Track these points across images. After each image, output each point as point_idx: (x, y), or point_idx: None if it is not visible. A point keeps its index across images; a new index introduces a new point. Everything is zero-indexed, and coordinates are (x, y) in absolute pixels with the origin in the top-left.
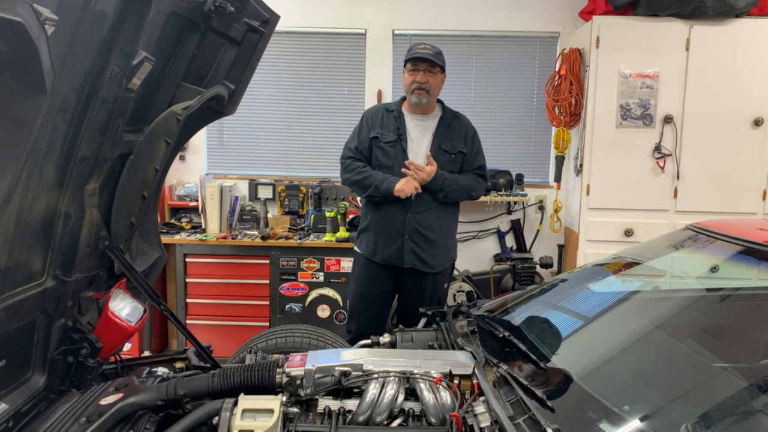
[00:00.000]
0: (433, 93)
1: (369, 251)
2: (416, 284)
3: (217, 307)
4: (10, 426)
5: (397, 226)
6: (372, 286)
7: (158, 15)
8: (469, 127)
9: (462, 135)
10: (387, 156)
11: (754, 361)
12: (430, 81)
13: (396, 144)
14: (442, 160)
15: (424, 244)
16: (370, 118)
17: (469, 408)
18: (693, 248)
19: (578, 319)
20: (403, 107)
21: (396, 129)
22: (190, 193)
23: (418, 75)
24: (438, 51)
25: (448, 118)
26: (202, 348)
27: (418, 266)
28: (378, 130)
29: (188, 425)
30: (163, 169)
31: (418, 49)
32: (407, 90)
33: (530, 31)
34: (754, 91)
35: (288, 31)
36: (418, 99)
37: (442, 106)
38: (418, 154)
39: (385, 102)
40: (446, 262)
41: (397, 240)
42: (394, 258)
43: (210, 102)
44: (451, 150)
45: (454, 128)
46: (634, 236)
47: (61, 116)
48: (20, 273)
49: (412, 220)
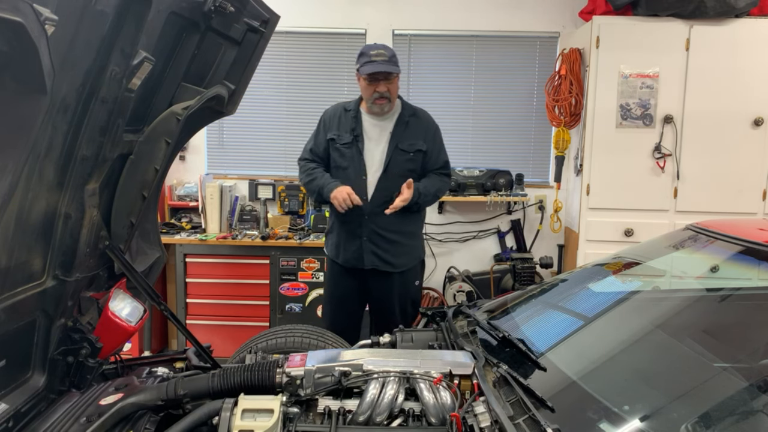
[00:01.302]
0: (394, 97)
1: (333, 253)
2: (382, 284)
3: (217, 307)
4: (10, 426)
5: (354, 228)
6: (338, 287)
7: (158, 15)
8: (430, 124)
9: (422, 133)
10: (343, 157)
11: (754, 361)
12: (390, 88)
13: (352, 145)
14: (400, 159)
15: (385, 245)
16: (327, 119)
17: (469, 408)
18: (693, 248)
19: (578, 319)
20: (361, 106)
21: (352, 130)
22: (190, 193)
23: (378, 85)
24: (392, 53)
25: (407, 115)
26: (202, 348)
27: (380, 266)
28: (335, 131)
29: (188, 425)
30: (163, 169)
31: (372, 56)
32: (367, 99)
33: (530, 31)
34: (754, 91)
35: (288, 31)
36: (380, 108)
37: (402, 103)
38: (374, 155)
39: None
40: (412, 261)
41: (356, 242)
42: (354, 260)
43: (210, 102)
44: (409, 149)
45: (412, 126)
46: (634, 236)
47: (61, 116)
48: (20, 273)
49: (370, 222)
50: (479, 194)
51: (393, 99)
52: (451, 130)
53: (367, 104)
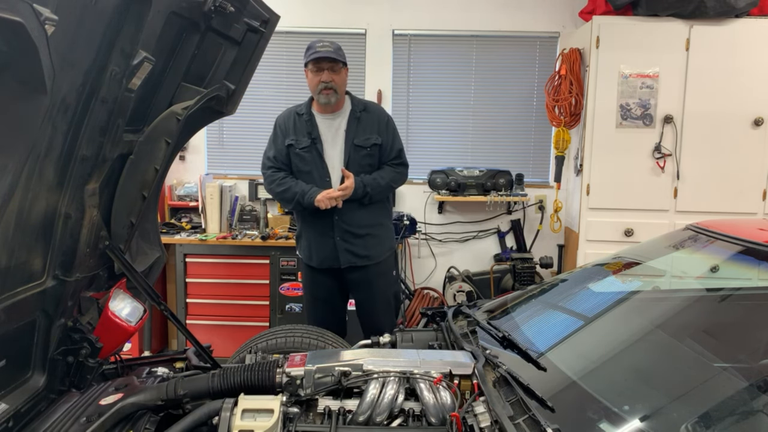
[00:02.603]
0: (340, 90)
1: (306, 256)
2: (361, 278)
3: (217, 307)
4: (10, 426)
5: (326, 229)
6: (318, 288)
7: (158, 15)
8: (382, 116)
9: (374, 126)
10: (304, 162)
11: (754, 361)
12: (336, 79)
13: (311, 149)
14: (358, 156)
15: (357, 240)
16: (282, 125)
17: (469, 408)
18: (693, 248)
19: (578, 319)
20: (313, 108)
21: (309, 133)
22: (190, 193)
23: (323, 75)
24: (338, 47)
25: (358, 111)
26: (202, 348)
27: (356, 262)
28: (292, 136)
29: (188, 425)
30: (163, 169)
31: (318, 48)
32: (314, 91)
33: (530, 31)
34: (754, 91)
35: (288, 31)
36: (327, 99)
37: (352, 99)
38: (333, 155)
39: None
40: (385, 252)
41: (329, 243)
42: (330, 260)
43: (210, 102)
44: (365, 144)
45: (364, 121)
46: (634, 236)
47: (61, 116)
48: (20, 273)
49: (340, 222)
50: (479, 194)
51: (340, 92)
52: (451, 130)
53: (315, 96)
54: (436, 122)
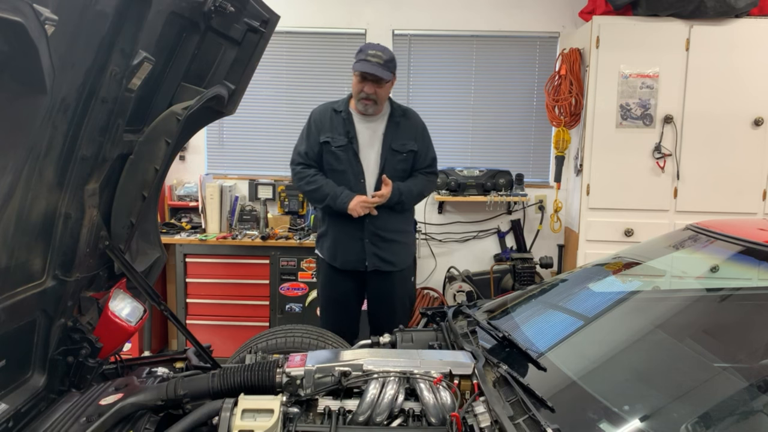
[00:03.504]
0: (381, 101)
1: (329, 256)
2: (383, 284)
3: (217, 307)
4: (10, 426)
5: (355, 231)
6: (337, 290)
7: (158, 15)
8: (419, 124)
9: (412, 133)
10: (339, 161)
11: (754, 361)
12: (378, 92)
13: (347, 148)
14: (394, 160)
15: (384, 245)
16: (318, 120)
17: (469, 408)
18: (693, 248)
19: (578, 319)
20: (351, 107)
21: (346, 132)
22: (190, 193)
23: (366, 85)
24: (389, 58)
25: (397, 116)
26: (202, 348)
27: (382, 267)
28: (328, 133)
29: (188, 425)
30: (163, 169)
31: (369, 57)
32: (355, 95)
33: (530, 31)
34: (754, 91)
35: (288, 31)
36: (365, 108)
37: (391, 103)
38: (369, 157)
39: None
40: (409, 258)
41: (357, 244)
42: (355, 262)
43: (210, 102)
44: (401, 149)
45: (403, 127)
46: (634, 236)
47: (61, 116)
48: (20, 273)
49: (371, 225)
50: (479, 194)
51: (380, 103)
52: (451, 130)
53: (354, 101)
54: (435, 122)
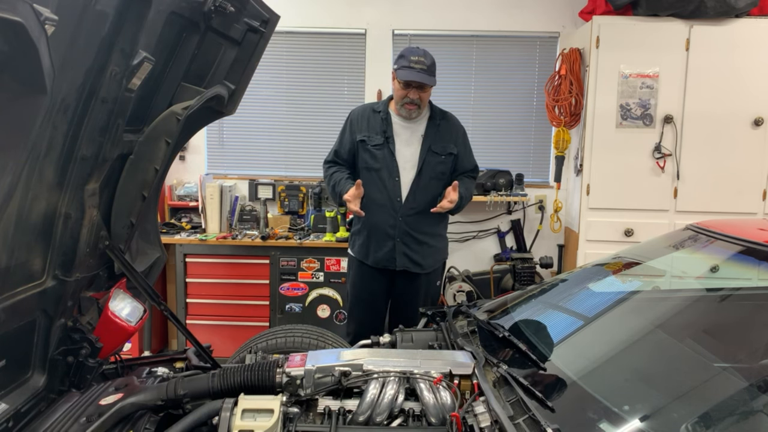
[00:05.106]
0: (424, 105)
1: (361, 254)
2: (409, 285)
3: (217, 307)
4: (10, 426)
5: (388, 229)
6: (366, 287)
7: (158, 15)
8: (459, 127)
9: (452, 136)
10: (375, 159)
11: (754, 361)
12: (422, 96)
13: (384, 147)
14: (433, 161)
15: (416, 246)
16: (356, 120)
17: (469, 408)
18: (693, 248)
19: (578, 319)
20: (390, 108)
21: (383, 132)
22: (190, 193)
23: (410, 91)
24: (431, 62)
25: (438, 118)
26: (202, 348)
27: (411, 268)
28: (365, 132)
29: (188, 425)
30: (163, 169)
31: (412, 64)
32: (397, 101)
33: (530, 31)
34: (754, 91)
35: (288, 31)
36: (409, 113)
37: (431, 105)
38: (406, 156)
39: None
40: (438, 262)
41: (389, 243)
42: (386, 261)
43: (210, 102)
44: (441, 152)
45: (443, 129)
46: (634, 236)
47: (61, 116)
48: (20, 273)
49: (403, 223)
50: (479, 194)
51: (423, 106)
52: None
53: (396, 106)
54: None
